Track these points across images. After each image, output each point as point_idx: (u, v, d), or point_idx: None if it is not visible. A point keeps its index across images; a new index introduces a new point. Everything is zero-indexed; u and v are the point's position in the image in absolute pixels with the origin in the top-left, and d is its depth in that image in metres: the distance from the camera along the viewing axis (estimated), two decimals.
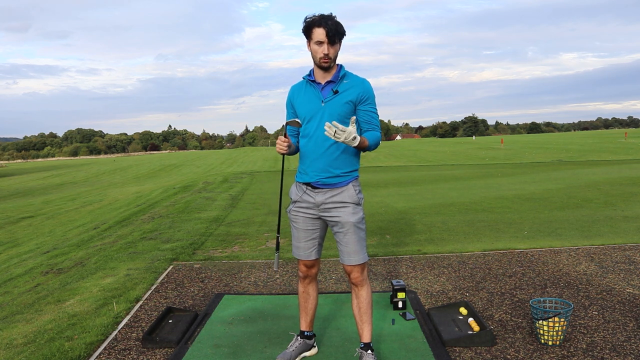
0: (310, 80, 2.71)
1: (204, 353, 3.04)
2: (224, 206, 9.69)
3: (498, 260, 4.92)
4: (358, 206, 2.70)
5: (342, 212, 2.68)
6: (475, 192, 10.61)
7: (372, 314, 2.82)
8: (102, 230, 8.30)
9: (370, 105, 2.69)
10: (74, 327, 3.52)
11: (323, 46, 2.54)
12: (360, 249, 2.70)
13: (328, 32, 2.51)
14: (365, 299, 2.76)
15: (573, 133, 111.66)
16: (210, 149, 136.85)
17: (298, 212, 2.81)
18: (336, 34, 2.53)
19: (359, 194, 2.73)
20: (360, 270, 2.72)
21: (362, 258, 2.70)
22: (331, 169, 2.67)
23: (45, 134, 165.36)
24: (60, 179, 35.15)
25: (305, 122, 2.71)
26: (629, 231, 6.08)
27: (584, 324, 3.31)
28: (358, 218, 2.68)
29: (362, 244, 2.71)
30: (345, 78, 2.67)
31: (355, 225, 2.67)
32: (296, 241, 2.87)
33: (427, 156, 32.62)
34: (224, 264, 5.16)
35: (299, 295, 2.99)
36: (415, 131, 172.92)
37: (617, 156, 24.11)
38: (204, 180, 16.58)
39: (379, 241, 6.03)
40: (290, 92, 2.83)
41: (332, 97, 2.63)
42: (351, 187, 2.70)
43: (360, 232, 2.70)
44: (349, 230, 2.67)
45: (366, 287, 2.77)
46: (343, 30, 2.57)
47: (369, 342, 2.79)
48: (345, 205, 2.68)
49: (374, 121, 2.71)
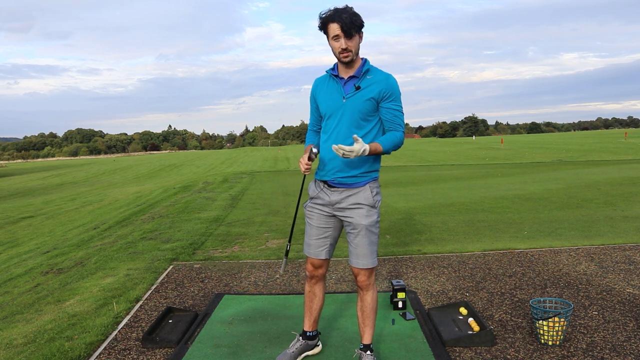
0: (334, 74, 2.64)
1: (204, 353, 3.04)
2: (224, 206, 9.69)
3: (498, 260, 4.91)
4: (373, 209, 2.63)
5: (355, 213, 2.62)
6: (475, 192, 10.61)
7: (376, 318, 2.79)
8: (102, 230, 8.30)
9: (394, 103, 2.56)
10: (74, 327, 3.52)
11: (340, 41, 2.47)
12: (370, 253, 2.65)
13: (343, 26, 2.43)
14: (370, 303, 2.72)
15: (573, 133, 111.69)
16: (210, 149, 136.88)
17: (313, 208, 2.76)
18: (352, 26, 2.43)
19: (376, 195, 2.66)
20: (367, 274, 2.68)
21: (371, 262, 2.65)
22: (348, 169, 2.61)
23: (45, 134, 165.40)
24: (60, 179, 35.16)
25: (325, 119, 2.67)
26: (629, 231, 6.08)
27: (584, 324, 3.31)
28: (371, 221, 2.62)
29: (373, 248, 2.66)
30: (369, 73, 2.58)
31: (368, 228, 2.61)
32: (308, 238, 2.80)
33: (427, 156, 32.62)
34: (224, 264, 5.16)
35: (304, 295, 2.94)
36: (415, 131, 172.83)
37: (617, 156, 24.11)
38: (204, 180, 16.58)
39: (379, 241, 6.02)
40: (313, 85, 2.77)
41: (354, 93, 2.56)
42: (368, 188, 2.63)
43: (372, 235, 2.64)
44: (361, 233, 2.62)
45: (372, 292, 2.72)
46: (360, 22, 2.47)
47: (369, 343, 2.76)
48: (360, 207, 2.61)
49: (397, 120, 2.57)
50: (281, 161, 35.29)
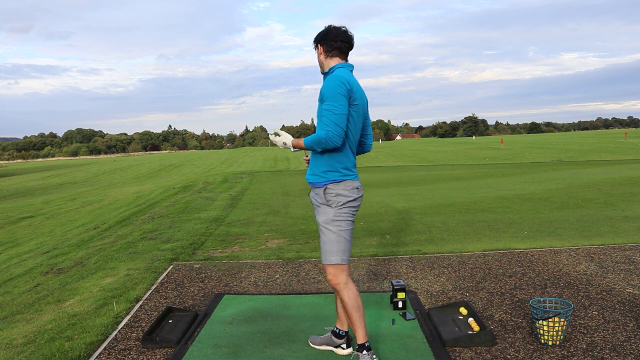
0: None
1: (204, 353, 3.04)
2: (224, 206, 9.69)
3: (498, 260, 4.92)
4: (328, 207, 2.71)
5: (316, 211, 2.81)
6: (475, 192, 10.61)
7: (364, 316, 2.77)
8: (102, 230, 8.31)
9: (326, 103, 2.62)
10: (74, 327, 3.52)
11: None
12: (326, 250, 2.71)
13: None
14: (347, 303, 2.72)
15: (573, 133, 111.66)
16: (210, 149, 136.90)
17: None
18: (313, 42, 2.85)
19: (334, 197, 2.70)
20: (331, 273, 2.72)
21: (326, 259, 2.71)
22: (312, 168, 2.81)
23: (45, 134, 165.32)
24: (60, 179, 35.16)
25: None
26: (629, 231, 6.08)
27: (584, 324, 3.31)
28: (325, 219, 2.71)
29: (330, 247, 2.70)
30: (325, 78, 2.78)
31: (322, 226, 2.73)
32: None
33: (427, 156, 32.62)
34: (224, 264, 5.16)
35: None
36: (415, 131, 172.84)
37: (617, 156, 24.11)
38: (204, 180, 16.58)
39: (379, 241, 6.03)
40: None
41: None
42: (325, 189, 2.72)
43: (328, 233, 2.70)
44: (320, 230, 2.76)
45: (345, 292, 2.72)
46: (316, 37, 2.83)
47: (362, 342, 2.75)
48: (317, 205, 2.78)
49: (324, 119, 2.62)
50: (281, 161, 35.29)
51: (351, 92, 2.64)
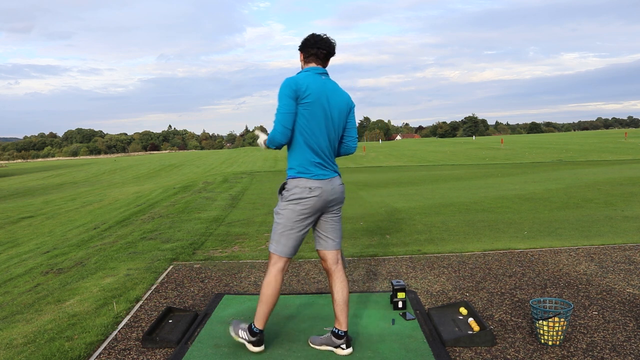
0: None
1: (204, 353, 3.04)
2: (224, 206, 9.69)
3: (498, 260, 4.92)
4: (281, 198, 2.89)
5: None
6: (475, 192, 10.61)
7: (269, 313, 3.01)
8: (102, 230, 8.31)
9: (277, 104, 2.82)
10: (74, 327, 3.52)
11: None
12: (271, 237, 2.96)
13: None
14: (261, 291, 2.98)
15: (573, 133, 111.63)
16: (210, 149, 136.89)
17: None
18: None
19: (286, 191, 2.85)
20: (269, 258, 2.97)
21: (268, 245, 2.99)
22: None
23: (45, 134, 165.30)
24: (60, 179, 35.16)
25: None
26: (629, 231, 6.08)
27: (584, 324, 3.31)
28: (275, 208, 2.93)
29: (272, 234, 2.95)
30: None
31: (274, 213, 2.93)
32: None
33: (427, 156, 32.61)
34: (224, 264, 5.16)
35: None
36: (415, 131, 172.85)
37: (617, 156, 24.11)
38: (204, 180, 16.58)
39: (379, 241, 6.03)
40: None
41: None
42: (284, 182, 2.89)
43: (274, 220, 2.93)
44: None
45: (265, 280, 2.97)
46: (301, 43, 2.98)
47: (252, 324, 3.02)
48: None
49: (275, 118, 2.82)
50: (281, 161, 35.27)
51: (299, 91, 2.74)
